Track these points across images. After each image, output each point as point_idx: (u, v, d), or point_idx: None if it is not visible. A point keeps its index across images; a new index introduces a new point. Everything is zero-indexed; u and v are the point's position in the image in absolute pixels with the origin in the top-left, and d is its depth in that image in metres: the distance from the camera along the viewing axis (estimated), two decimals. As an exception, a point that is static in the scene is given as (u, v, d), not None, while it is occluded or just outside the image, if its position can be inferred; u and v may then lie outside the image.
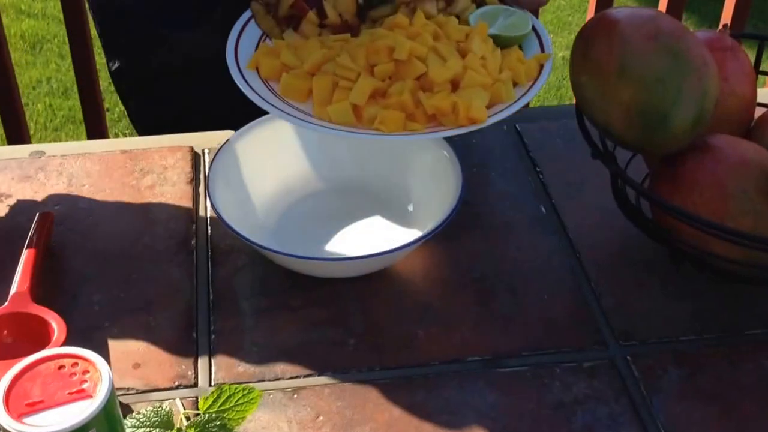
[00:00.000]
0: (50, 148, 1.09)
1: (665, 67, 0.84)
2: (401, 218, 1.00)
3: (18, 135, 1.81)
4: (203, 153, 1.08)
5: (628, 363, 0.86)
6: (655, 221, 0.91)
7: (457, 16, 1.01)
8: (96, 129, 1.87)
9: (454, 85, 0.89)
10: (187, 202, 1.01)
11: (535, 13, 1.08)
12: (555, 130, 1.15)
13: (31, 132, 2.50)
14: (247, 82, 0.91)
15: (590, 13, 1.97)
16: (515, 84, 0.93)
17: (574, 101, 0.94)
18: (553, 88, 3.13)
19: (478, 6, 1.03)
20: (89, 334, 0.86)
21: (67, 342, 0.79)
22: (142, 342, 0.86)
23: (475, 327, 0.89)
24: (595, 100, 0.88)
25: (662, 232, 0.90)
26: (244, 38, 0.97)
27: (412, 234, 0.96)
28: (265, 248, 0.88)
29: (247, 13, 1.00)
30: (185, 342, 0.86)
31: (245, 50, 0.96)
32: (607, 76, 0.86)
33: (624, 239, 0.98)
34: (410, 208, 1.01)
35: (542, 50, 0.98)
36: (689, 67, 0.84)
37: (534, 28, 1.00)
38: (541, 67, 0.96)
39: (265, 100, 0.88)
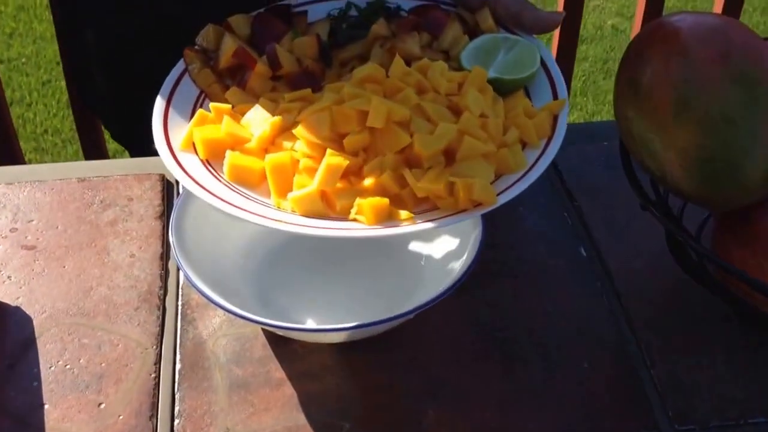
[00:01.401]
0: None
1: (737, 101, 0.66)
2: (409, 262, 0.83)
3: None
4: (177, 182, 0.92)
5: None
6: (721, 282, 0.74)
7: (446, 53, 0.82)
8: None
9: (449, 155, 0.70)
10: (155, 242, 0.85)
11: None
12: (595, 153, 0.98)
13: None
14: (180, 165, 0.71)
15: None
16: (524, 145, 0.74)
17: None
18: (599, 61, 2.89)
19: (471, 36, 0.83)
20: (25, 416, 0.70)
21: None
22: (90, 427, 0.70)
23: (498, 406, 0.73)
24: (645, 141, 0.71)
25: (729, 295, 0.73)
26: (178, 99, 0.77)
27: (422, 284, 0.79)
28: (247, 318, 0.70)
29: (180, 66, 0.80)
30: (142, 428, 0.70)
31: (180, 115, 0.76)
32: (660, 112, 0.68)
33: (681, 291, 0.81)
34: (422, 253, 0.84)
35: (554, 92, 0.78)
36: (768, 101, 0.66)
37: (542, 62, 0.80)
38: (555, 118, 0.75)
39: (210, 192, 0.68)
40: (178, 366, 0.75)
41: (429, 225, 0.66)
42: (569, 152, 0.97)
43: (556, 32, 1.78)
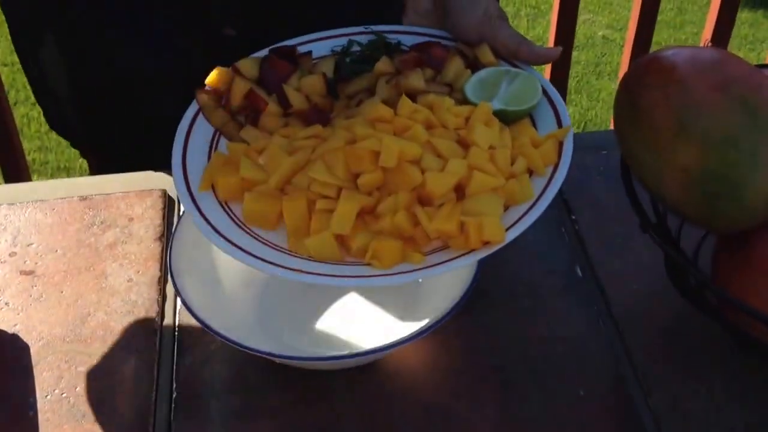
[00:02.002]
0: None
1: (737, 124, 0.66)
2: (408, 291, 0.83)
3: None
4: (179, 200, 0.92)
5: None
6: (719, 309, 0.74)
7: (450, 86, 0.82)
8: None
9: (459, 191, 0.71)
10: (153, 265, 0.85)
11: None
12: (595, 164, 0.97)
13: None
14: (201, 211, 0.72)
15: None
16: (530, 172, 0.74)
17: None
18: (591, 64, 2.97)
19: (471, 68, 0.84)
20: (21, 447, 0.71)
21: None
22: (85, 458, 0.70)
23: (494, 435, 0.73)
24: (646, 160, 0.71)
25: (728, 322, 0.72)
26: (195, 137, 0.78)
27: (420, 304, 0.79)
28: (245, 347, 0.70)
29: (194, 107, 0.81)
30: (137, 458, 0.71)
31: (197, 154, 0.77)
32: (662, 133, 0.68)
33: (679, 315, 0.81)
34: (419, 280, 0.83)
35: (557, 120, 0.79)
36: (768, 123, 0.66)
37: (544, 91, 0.81)
38: (561, 145, 0.76)
39: (229, 241, 0.69)
40: (174, 394, 0.75)
41: (441, 269, 0.67)
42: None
43: (551, 42, 1.83)
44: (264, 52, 0.86)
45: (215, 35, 0.96)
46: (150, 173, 0.96)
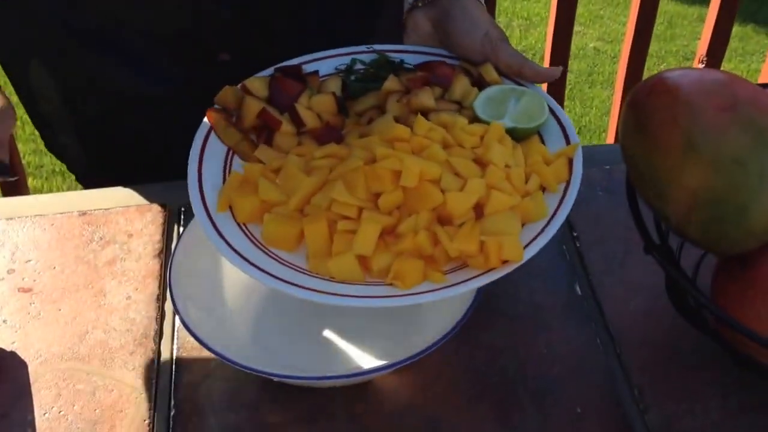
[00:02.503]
0: (-6, 205, 0.93)
1: (746, 145, 0.66)
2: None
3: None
4: (180, 212, 0.92)
5: None
6: (718, 329, 0.74)
7: (459, 103, 0.84)
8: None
9: (478, 209, 0.72)
10: (152, 283, 0.85)
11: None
12: (597, 178, 0.98)
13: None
14: (219, 233, 0.71)
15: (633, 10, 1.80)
16: (543, 190, 0.76)
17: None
18: (584, 73, 3.00)
19: (476, 86, 0.85)
20: (19, 465, 0.71)
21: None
22: (84, 477, 0.70)
23: (492, 453, 0.73)
24: (652, 179, 0.71)
25: (726, 342, 0.73)
26: (208, 158, 0.78)
27: (421, 321, 0.79)
28: (243, 366, 0.70)
29: (205, 125, 0.81)
30: (136, 477, 0.71)
31: (212, 173, 0.77)
32: (669, 154, 0.68)
33: (676, 333, 0.81)
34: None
35: (565, 136, 0.81)
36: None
37: (550, 109, 0.83)
38: (570, 161, 0.77)
39: (251, 263, 0.69)
40: (172, 412, 0.75)
41: (461, 288, 0.68)
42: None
43: (547, 54, 1.86)
44: (268, 72, 0.86)
45: (210, 60, 0.96)
46: (150, 185, 0.96)
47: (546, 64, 1.87)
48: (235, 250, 0.70)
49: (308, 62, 0.88)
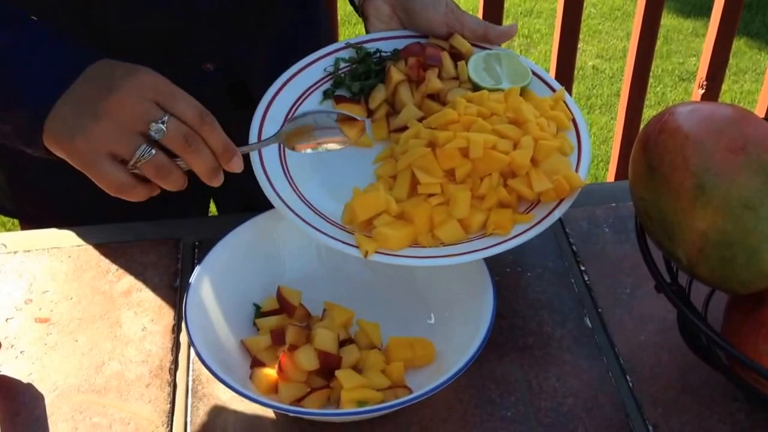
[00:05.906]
0: (12, 238, 0.94)
1: (756, 189, 0.67)
2: (420, 332, 0.83)
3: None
4: (194, 247, 0.93)
5: None
6: (731, 367, 0.74)
7: (456, 78, 0.94)
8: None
9: (533, 161, 0.84)
10: (167, 313, 0.86)
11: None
12: (604, 216, 0.98)
13: None
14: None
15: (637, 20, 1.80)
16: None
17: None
18: (582, 97, 2.99)
19: (453, 59, 0.94)
20: (36, 498, 0.71)
21: None
22: None
23: (504, 489, 0.73)
24: (663, 223, 0.71)
25: (738, 379, 0.73)
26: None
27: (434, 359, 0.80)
28: (257, 401, 0.71)
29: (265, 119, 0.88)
30: None
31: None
32: (679, 197, 0.69)
33: (688, 365, 0.81)
34: (431, 320, 0.84)
35: (548, 85, 0.94)
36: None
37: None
38: (565, 103, 0.91)
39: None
40: (187, 445, 0.76)
41: (548, 222, 0.81)
42: (577, 214, 0.98)
43: (552, 73, 1.87)
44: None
45: (195, 71, 0.97)
46: (164, 221, 0.97)
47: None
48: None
49: (301, 70, 0.93)
